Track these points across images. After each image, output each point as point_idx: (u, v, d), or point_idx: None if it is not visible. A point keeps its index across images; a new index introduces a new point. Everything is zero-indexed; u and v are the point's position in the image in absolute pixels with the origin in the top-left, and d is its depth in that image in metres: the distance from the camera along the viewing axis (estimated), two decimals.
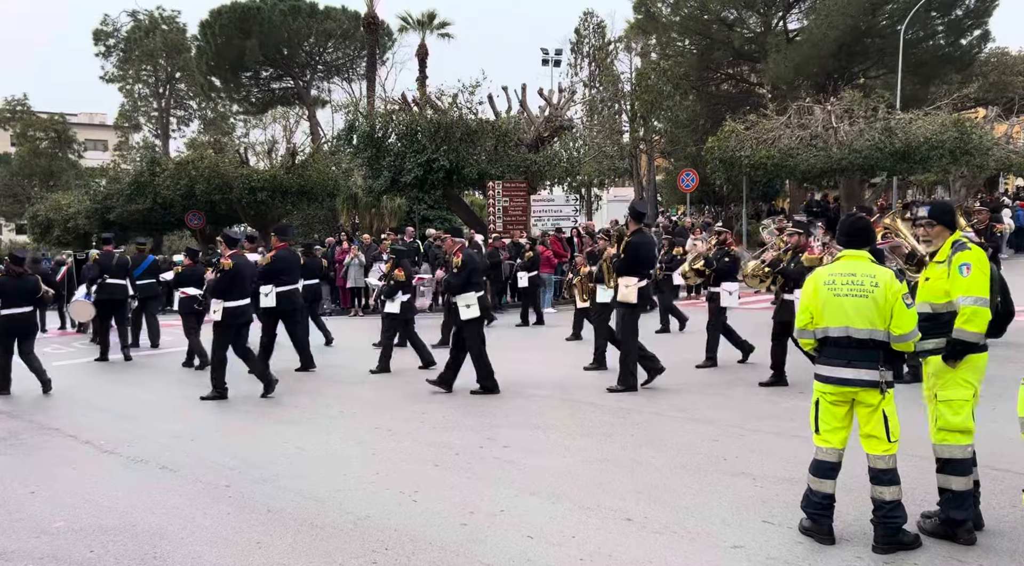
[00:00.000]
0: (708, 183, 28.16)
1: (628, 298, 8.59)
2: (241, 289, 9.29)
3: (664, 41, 32.37)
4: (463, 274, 8.85)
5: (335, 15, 40.92)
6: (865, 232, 4.50)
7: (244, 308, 9.29)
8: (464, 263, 8.90)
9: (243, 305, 9.26)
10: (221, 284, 9.17)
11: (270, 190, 24.38)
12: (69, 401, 9.59)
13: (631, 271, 8.58)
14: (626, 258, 8.63)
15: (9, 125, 54.53)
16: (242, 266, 9.38)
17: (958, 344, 4.23)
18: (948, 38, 29.03)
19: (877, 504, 4.21)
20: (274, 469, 6.19)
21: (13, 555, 4.64)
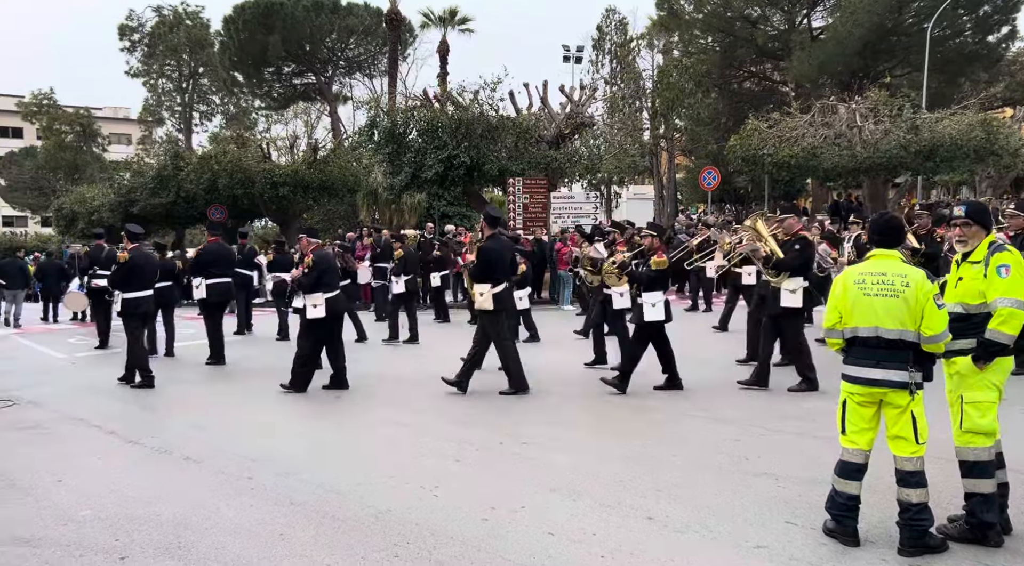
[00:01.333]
0: (729, 182, 28.04)
1: (483, 305, 8.60)
2: (140, 281, 9.83)
3: (687, 38, 32.21)
4: (313, 274, 9.05)
5: (357, 11, 41.05)
6: (897, 231, 4.45)
7: (143, 299, 9.86)
8: (315, 263, 9.09)
9: (142, 296, 9.84)
10: (118, 275, 9.74)
11: (292, 185, 24.53)
12: (93, 392, 9.70)
13: (485, 278, 8.56)
14: (479, 265, 8.65)
15: (35, 119, 55.20)
16: (140, 260, 9.92)
17: (992, 345, 4.18)
18: (975, 36, 28.65)
19: (903, 506, 4.17)
20: (296, 462, 6.22)
21: (41, 542, 4.70)
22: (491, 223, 8.79)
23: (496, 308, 8.60)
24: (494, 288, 8.55)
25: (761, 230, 8.81)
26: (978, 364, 4.25)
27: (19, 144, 61.59)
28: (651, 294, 8.44)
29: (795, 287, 8.18)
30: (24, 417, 8.28)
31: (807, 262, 8.32)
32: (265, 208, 26.13)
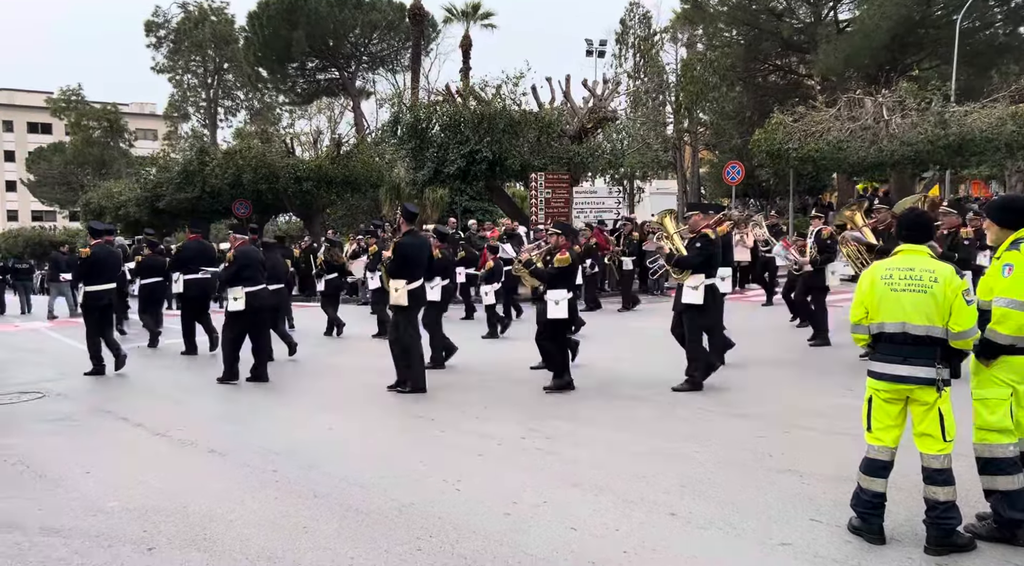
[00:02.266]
0: (754, 176, 27.82)
1: (398, 301, 8.62)
2: (101, 276, 10.20)
3: (711, 31, 31.97)
4: (231, 269, 9.45)
5: (380, 6, 41.18)
6: (926, 226, 4.39)
7: (103, 292, 10.22)
8: (235, 258, 9.46)
9: (103, 289, 10.19)
10: (82, 270, 10.23)
11: (315, 180, 24.71)
12: (121, 385, 9.84)
13: (400, 274, 8.57)
14: (395, 260, 8.62)
15: (64, 115, 56.00)
16: (102, 255, 10.34)
17: (989, 344, 4.14)
18: (1006, 27, 28.20)
19: (930, 504, 4.12)
20: (319, 455, 6.27)
21: (71, 532, 4.78)
22: (408, 219, 8.86)
23: (410, 304, 8.64)
24: (409, 284, 8.57)
25: (668, 227, 8.87)
26: (981, 360, 4.21)
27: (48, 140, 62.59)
28: (555, 291, 8.41)
29: (696, 284, 8.14)
30: (53, 409, 8.41)
31: (708, 259, 8.20)
32: (289, 203, 26.34)
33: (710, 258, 8.20)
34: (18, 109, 72.19)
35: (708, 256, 8.18)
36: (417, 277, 8.66)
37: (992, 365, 4.20)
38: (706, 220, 8.44)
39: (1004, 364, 4.17)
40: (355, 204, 30.53)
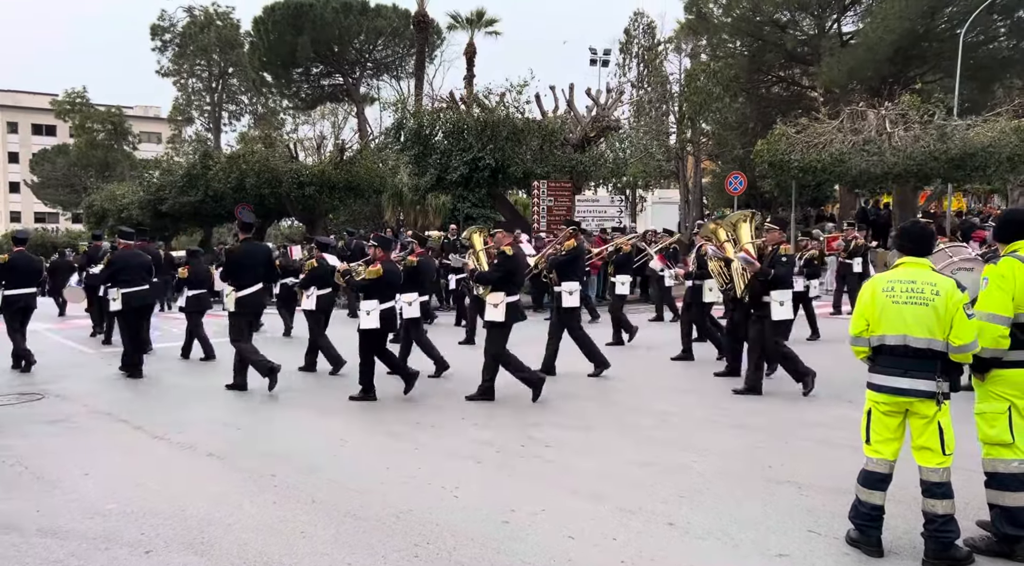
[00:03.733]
0: (756, 187, 27.81)
1: (229, 306, 9.31)
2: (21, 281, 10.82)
3: (715, 42, 32.00)
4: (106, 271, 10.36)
5: (385, 13, 41.30)
6: (928, 239, 4.40)
7: (22, 296, 10.85)
8: (111, 262, 10.45)
9: (21, 294, 10.83)
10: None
11: (318, 185, 24.74)
12: (120, 387, 9.84)
13: (231, 279, 9.24)
14: (226, 267, 9.32)
15: (68, 117, 56.14)
16: (21, 261, 10.90)
17: (977, 358, 4.17)
18: (1010, 41, 28.20)
19: (929, 518, 4.11)
20: (318, 460, 6.27)
21: (69, 534, 4.78)
22: (244, 228, 9.64)
23: (237, 310, 9.20)
24: (238, 291, 9.13)
25: (475, 243, 9.15)
26: (975, 375, 4.26)
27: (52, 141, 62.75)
28: (368, 302, 8.50)
29: (497, 302, 8.25)
30: (52, 411, 8.41)
31: (507, 275, 8.30)
32: (292, 208, 26.37)
33: (509, 275, 8.32)
34: (23, 111, 72.39)
35: (507, 273, 8.31)
36: (248, 284, 9.17)
37: (987, 379, 4.21)
38: (508, 237, 8.69)
39: (998, 378, 4.18)
40: (358, 209, 30.58)
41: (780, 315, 8.14)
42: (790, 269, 8.21)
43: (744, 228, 8.73)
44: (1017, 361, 4.15)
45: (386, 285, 8.56)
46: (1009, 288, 4.13)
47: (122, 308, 10.33)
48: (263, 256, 9.66)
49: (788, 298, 8.17)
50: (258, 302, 9.65)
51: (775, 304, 8.13)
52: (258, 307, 9.88)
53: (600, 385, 9.23)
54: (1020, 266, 4.16)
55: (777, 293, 8.13)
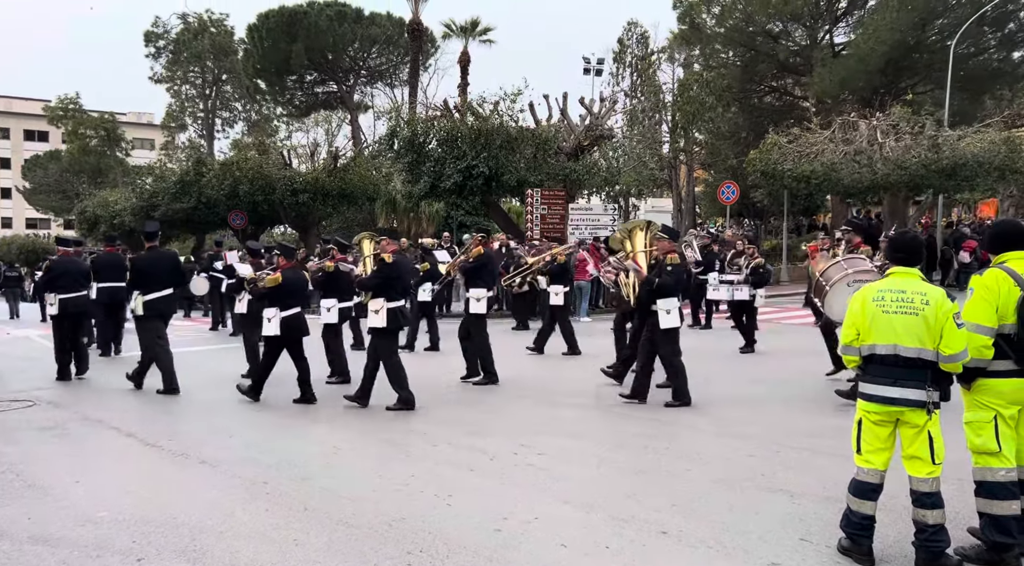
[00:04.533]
0: (748, 196, 27.93)
1: (135, 310, 9.74)
2: None
3: (708, 52, 32.20)
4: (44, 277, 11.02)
5: (380, 21, 41.41)
6: (918, 249, 4.44)
7: None
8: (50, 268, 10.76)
9: None
10: None
11: (312, 192, 24.71)
12: (113, 394, 9.80)
13: (137, 286, 9.74)
14: (133, 274, 9.93)
15: (61, 123, 55.96)
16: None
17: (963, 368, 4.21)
18: (1000, 53, 28.47)
19: (919, 527, 4.14)
20: (311, 468, 6.26)
21: (60, 542, 4.76)
22: (147, 237, 10.09)
23: (145, 314, 9.66)
24: (145, 296, 9.63)
25: (364, 249, 9.43)
26: (961, 384, 4.30)
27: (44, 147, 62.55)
28: (268, 309, 8.83)
29: (378, 307, 8.40)
30: (43, 417, 8.38)
31: (386, 282, 8.47)
32: (285, 215, 26.32)
33: (388, 281, 8.49)
34: (15, 116, 72.19)
35: (385, 279, 8.49)
36: (155, 289, 9.69)
37: (973, 389, 4.25)
38: (392, 245, 8.94)
39: (984, 388, 4.22)
40: (351, 217, 30.53)
41: (667, 323, 8.20)
42: (677, 278, 8.26)
43: (639, 237, 8.80)
44: (1001, 371, 4.19)
45: (287, 293, 8.77)
46: (993, 299, 4.17)
47: (59, 313, 10.58)
48: (168, 263, 10.17)
49: (675, 306, 8.22)
50: (166, 306, 10.01)
51: (662, 313, 8.20)
52: (166, 311, 10.12)
53: (593, 394, 9.24)
54: (1005, 277, 4.20)
55: (663, 302, 8.20)
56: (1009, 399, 4.20)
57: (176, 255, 10.93)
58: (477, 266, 9.98)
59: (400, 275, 8.67)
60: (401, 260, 8.79)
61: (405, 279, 8.88)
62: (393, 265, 8.52)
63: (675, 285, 8.25)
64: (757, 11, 29.23)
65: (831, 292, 8.28)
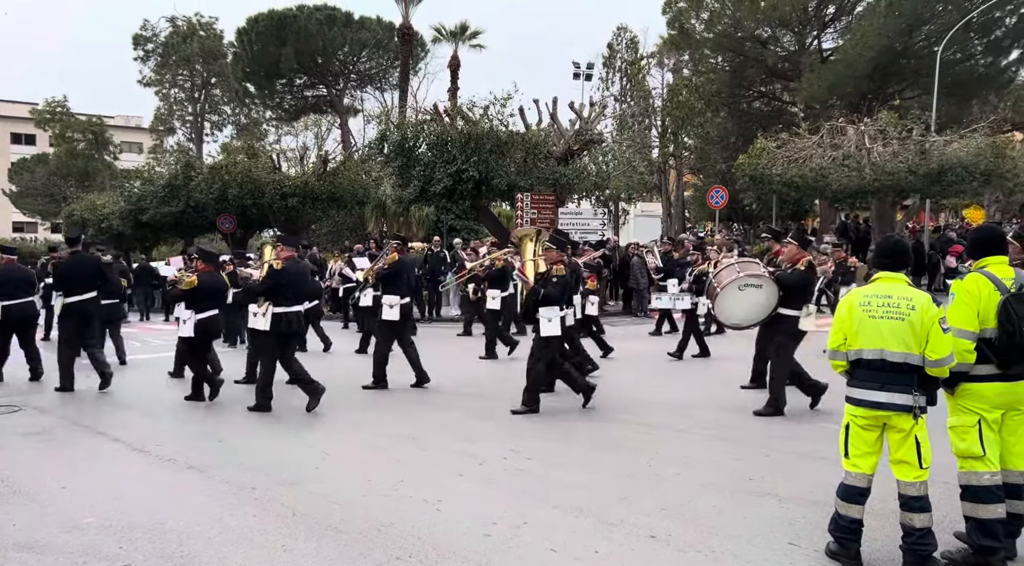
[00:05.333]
0: (737, 201, 28.05)
1: (58, 311, 10.11)
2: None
3: (697, 57, 32.34)
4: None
5: (370, 25, 41.34)
6: (903, 254, 4.47)
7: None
8: None
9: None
10: None
11: (301, 196, 24.66)
12: (99, 400, 9.74)
13: (60, 289, 10.18)
14: (56, 278, 10.28)
15: (48, 126, 55.60)
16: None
17: None
18: (986, 59, 28.69)
19: (907, 530, 4.16)
20: (299, 473, 6.24)
21: (45, 549, 4.72)
22: (70, 243, 10.43)
23: (62, 313, 10.04)
24: (66, 298, 10.00)
25: (265, 255, 9.72)
26: (945, 389, 4.34)
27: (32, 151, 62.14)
28: (184, 311, 9.34)
29: (263, 311, 8.73)
30: (30, 423, 8.31)
31: (275, 287, 8.72)
32: (274, 218, 26.24)
33: (277, 286, 8.73)
34: (1, 119, 71.64)
35: (274, 284, 8.74)
36: (78, 292, 9.98)
37: (956, 393, 4.28)
38: (286, 251, 9.09)
39: (967, 392, 4.25)
40: (340, 221, 30.48)
41: (547, 331, 8.29)
42: (560, 289, 8.32)
43: (528, 246, 8.85)
44: (984, 375, 4.22)
45: (203, 296, 9.16)
46: (975, 303, 4.21)
47: (2, 319, 10.66)
48: (91, 267, 10.42)
49: (556, 315, 8.29)
50: (87, 309, 10.20)
51: (543, 321, 8.30)
52: (87, 314, 10.27)
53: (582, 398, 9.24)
54: (986, 282, 4.24)
55: (545, 310, 8.30)
56: (992, 403, 4.23)
57: (99, 260, 11.11)
58: (391, 273, 10.19)
59: (290, 282, 8.87)
60: (291, 267, 8.99)
61: (297, 285, 9.08)
62: (282, 272, 8.77)
63: (559, 295, 8.32)
64: (746, 16, 29.39)
65: (721, 295, 8.48)
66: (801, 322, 8.17)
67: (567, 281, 8.44)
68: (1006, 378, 4.22)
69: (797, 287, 8.15)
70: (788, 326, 8.18)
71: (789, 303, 8.15)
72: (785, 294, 8.15)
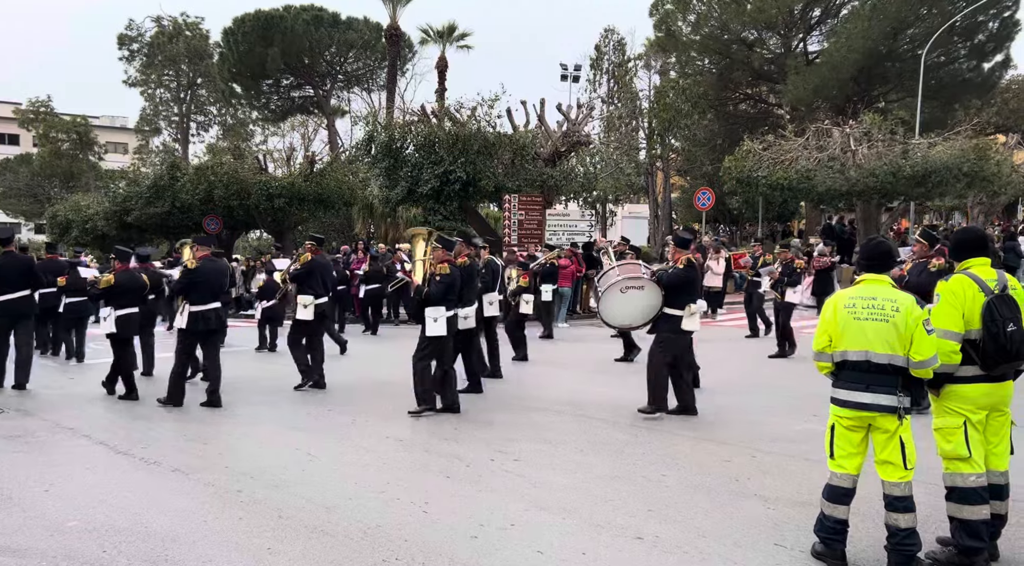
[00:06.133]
0: (724, 203, 28.17)
1: None
2: None
3: (684, 59, 32.44)
4: None
5: (357, 26, 41.23)
6: (887, 256, 4.50)
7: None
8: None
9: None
10: None
11: (288, 197, 24.54)
12: (84, 401, 9.66)
13: None
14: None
15: (32, 126, 55.12)
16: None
17: None
18: (970, 63, 28.95)
19: (891, 531, 4.18)
20: (285, 475, 6.21)
21: (28, 553, 4.68)
22: (2, 243, 10.32)
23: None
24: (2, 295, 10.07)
25: (184, 254, 10.07)
26: (930, 391, 4.37)
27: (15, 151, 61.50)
28: (104, 309, 9.72)
29: (182, 309, 9.12)
30: (13, 425, 8.23)
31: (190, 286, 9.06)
32: (261, 220, 26.12)
33: (192, 285, 9.06)
34: None
35: (189, 283, 9.07)
36: (7, 291, 10.05)
37: (942, 395, 4.31)
38: (202, 251, 9.34)
39: (952, 394, 4.29)
40: (328, 222, 30.38)
41: (432, 331, 8.37)
42: (443, 288, 8.36)
43: (419, 245, 8.92)
44: (969, 377, 4.26)
45: (119, 294, 9.56)
46: (959, 304, 4.24)
47: None
48: (23, 266, 10.46)
49: (442, 315, 8.34)
50: (17, 308, 10.22)
51: (429, 321, 8.39)
52: (16, 313, 10.29)
53: (570, 400, 9.25)
54: (970, 283, 4.27)
55: (431, 310, 8.37)
56: (978, 404, 4.27)
57: (31, 260, 11.13)
58: (304, 273, 10.30)
59: (205, 280, 9.11)
60: (206, 266, 9.20)
61: (213, 283, 9.24)
62: (196, 271, 9.08)
63: (442, 295, 8.36)
64: (732, 19, 29.53)
65: (603, 297, 8.68)
66: (685, 322, 8.15)
67: (452, 280, 8.44)
68: (990, 379, 4.26)
69: (677, 286, 8.17)
70: (671, 325, 8.19)
71: (671, 302, 8.19)
72: (667, 293, 8.22)
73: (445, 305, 8.38)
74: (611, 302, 8.57)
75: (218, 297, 9.30)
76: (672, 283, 8.19)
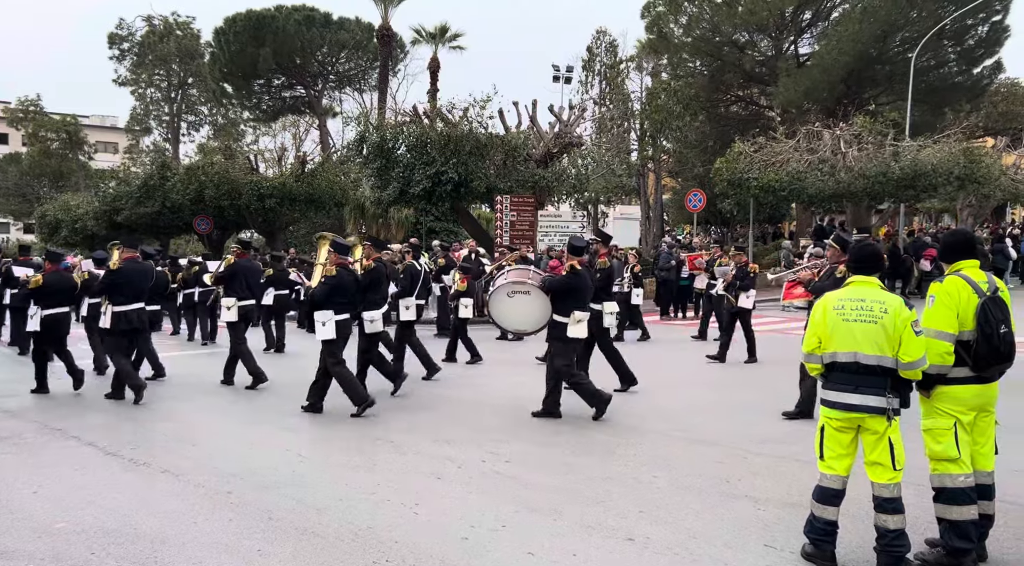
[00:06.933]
0: (715, 204, 28.22)
1: None
2: None
3: (675, 61, 32.48)
4: None
5: (349, 26, 41.17)
6: (875, 258, 4.52)
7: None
8: None
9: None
10: None
11: (279, 197, 24.51)
12: (73, 402, 9.61)
13: None
14: None
15: (21, 125, 54.80)
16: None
17: (923, 375, 4.29)
18: (960, 66, 29.08)
19: (881, 532, 4.20)
20: (276, 477, 6.19)
21: (15, 555, 4.65)
22: None
23: None
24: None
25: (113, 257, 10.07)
26: (921, 392, 4.39)
27: (4, 150, 61.16)
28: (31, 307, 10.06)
29: (104, 310, 9.45)
30: (1, 427, 8.18)
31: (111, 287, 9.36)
32: (251, 220, 26.05)
33: (114, 286, 9.36)
34: None
35: (110, 284, 9.37)
36: None
37: (933, 396, 4.33)
38: (127, 253, 9.61)
39: (943, 395, 4.31)
40: (319, 222, 30.35)
41: (321, 335, 8.45)
42: (325, 290, 8.41)
43: (323, 250, 8.97)
44: (960, 378, 4.28)
45: (47, 294, 9.87)
46: (953, 305, 4.26)
47: None
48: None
49: (330, 319, 8.39)
50: None
51: (318, 324, 8.49)
52: None
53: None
54: (964, 285, 4.29)
55: (319, 314, 8.45)
56: (968, 405, 4.29)
57: None
58: (228, 275, 10.67)
59: (128, 281, 9.41)
60: (128, 268, 9.47)
61: (135, 285, 9.52)
62: (118, 272, 9.40)
63: (325, 297, 8.42)
64: (724, 21, 29.58)
65: (492, 298, 8.97)
66: (570, 329, 8.11)
67: (338, 282, 8.46)
68: (980, 380, 4.28)
69: (562, 293, 8.16)
70: (557, 332, 8.18)
71: (558, 309, 8.18)
72: (553, 300, 8.23)
73: (333, 308, 8.41)
74: (499, 305, 8.86)
75: (140, 298, 9.62)
76: (555, 289, 8.19)
